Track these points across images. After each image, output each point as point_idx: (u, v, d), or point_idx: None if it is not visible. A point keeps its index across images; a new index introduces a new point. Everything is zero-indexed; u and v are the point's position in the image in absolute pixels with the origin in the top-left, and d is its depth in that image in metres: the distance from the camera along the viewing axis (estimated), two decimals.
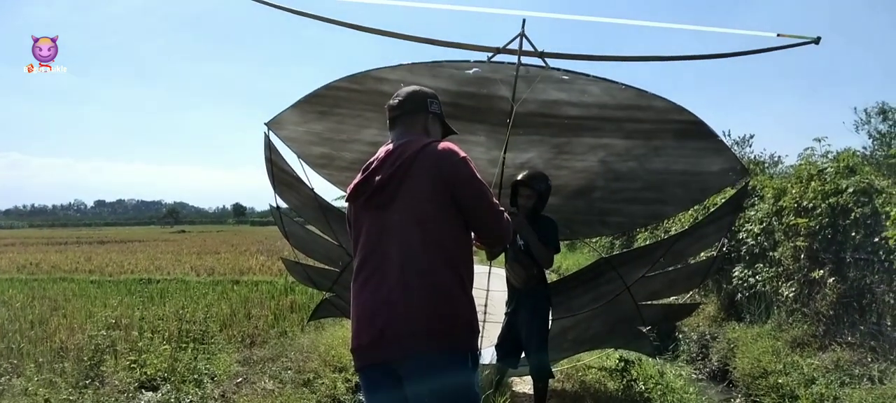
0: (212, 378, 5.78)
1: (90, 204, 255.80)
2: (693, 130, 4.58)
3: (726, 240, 5.48)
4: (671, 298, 6.05)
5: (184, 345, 6.42)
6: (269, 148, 5.39)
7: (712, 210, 6.31)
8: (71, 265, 18.89)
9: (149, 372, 5.64)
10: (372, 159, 2.43)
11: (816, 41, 4.19)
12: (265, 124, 5.30)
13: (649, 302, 5.69)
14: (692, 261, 6.04)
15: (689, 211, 9.88)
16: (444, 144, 2.36)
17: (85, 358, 5.75)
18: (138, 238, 42.98)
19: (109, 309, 8.20)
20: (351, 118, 5.14)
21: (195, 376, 5.66)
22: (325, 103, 5.00)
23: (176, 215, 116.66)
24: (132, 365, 5.75)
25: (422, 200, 2.27)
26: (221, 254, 22.48)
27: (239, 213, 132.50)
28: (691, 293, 6.21)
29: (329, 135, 5.43)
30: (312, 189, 5.69)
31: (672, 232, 9.95)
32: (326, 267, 6.29)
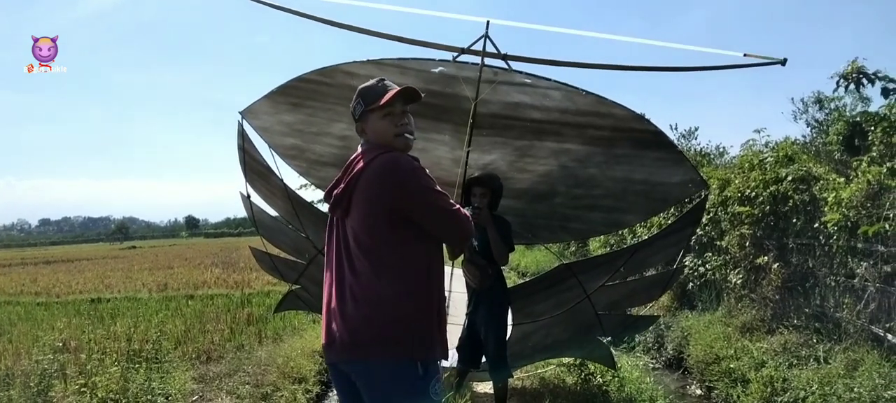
0: (166, 398, 5.64)
1: (34, 223, 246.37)
2: (652, 140, 4.63)
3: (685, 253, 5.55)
4: (631, 309, 6.12)
5: (136, 365, 6.25)
6: (243, 136, 5.46)
7: (672, 222, 6.40)
8: (16, 287, 18.17)
9: (100, 395, 5.46)
10: (343, 166, 2.49)
11: (783, 62, 4.20)
12: (239, 113, 5.38)
13: (609, 313, 5.72)
14: (651, 272, 6.14)
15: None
16: (389, 157, 2.32)
17: (32, 384, 5.55)
18: (86, 256, 41.59)
19: (57, 332, 7.93)
20: (322, 111, 5.19)
21: (149, 397, 5.51)
22: (297, 95, 5.06)
23: (125, 230, 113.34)
24: (82, 389, 5.56)
25: (365, 213, 2.32)
26: (174, 269, 21.98)
27: (192, 226, 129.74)
28: (650, 305, 6.31)
29: (300, 127, 5.48)
30: (281, 179, 5.74)
31: (629, 243, 10.13)
32: (293, 258, 6.28)
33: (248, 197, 5.94)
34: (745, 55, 4.30)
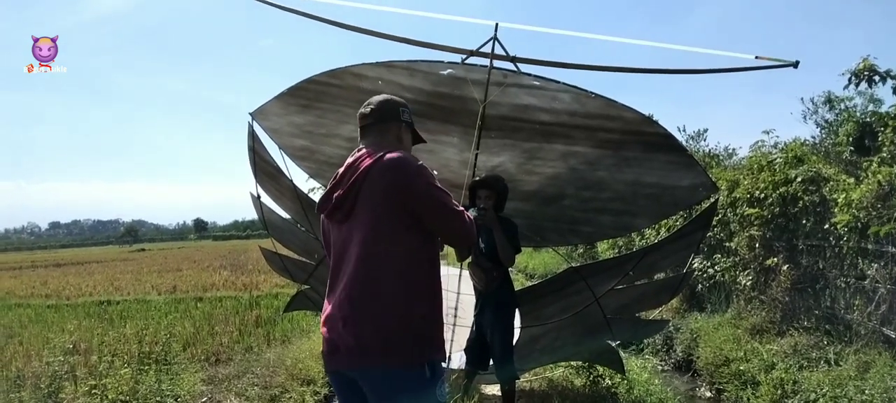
0: (176, 399, 5.66)
1: (44, 226, 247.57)
2: (662, 143, 4.61)
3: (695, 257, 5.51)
4: (640, 313, 6.10)
5: (146, 367, 6.28)
6: (253, 137, 5.51)
7: (682, 225, 6.38)
8: (26, 290, 18.28)
9: (110, 397, 5.49)
10: (338, 170, 2.44)
11: (795, 65, 4.19)
12: (250, 114, 5.42)
13: (618, 317, 5.69)
14: (661, 276, 6.12)
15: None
16: (396, 155, 2.32)
17: (43, 386, 5.57)
18: (96, 259, 41.81)
19: (67, 334, 7.97)
20: (331, 113, 5.21)
21: (158, 398, 5.54)
22: (307, 96, 5.08)
23: (135, 233, 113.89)
24: (93, 391, 5.59)
25: (372, 215, 2.28)
26: (183, 271, 22.07)
27: (200, 228, 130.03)
28: (660, 309, 6.28)
29: (310, 129, 5.51)
30: (291, 180, 5.77)
31: (638, 245, 10.10)
32: (303, 259, 6.29)
33: (259, 197, 5.96)
34: (756, 58, 4.27)
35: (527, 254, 19.40)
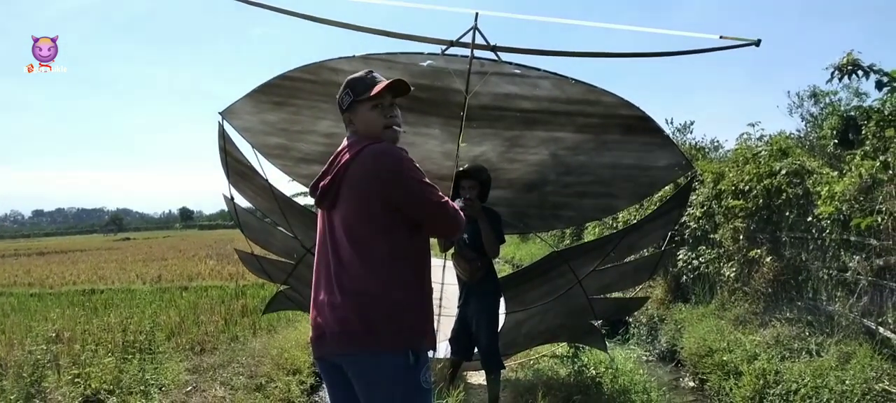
0: (160, 389, 5.64)
1: (28, 214, 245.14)
2: (640, 125, 4.67)
3: (672, 235, 5.62)
4: (621, 292, 6.18)
5: (130, 356, 6.25)
6: (224, 137, 5.35)
7: (659, 205, 6.46)
8: (9, 278, 18.08)
9: (93, 386, 5.47)
10: (329, 159, 2.46)
11: (757, 43, 4.24)
12: (220, 113, 5.24)
13: (600, 296, 5.80)
14: (641, 255, 6.19)
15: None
16: (378, 148, 2.32)
17: (25, 375, 5.53)
18: (80, 247, 41.41)
19: (50, 323, 7.90)
20: (306, 109, 5.10)
21: (142, 387, 5.51)
22: (281, 93, 4.95)
23: (119, 222, 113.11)
24: (75, 380, 5.57)
25: (354, 204, 2.30)
26: (168, 260, 21.93)
27: (186, 217, 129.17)
28: (641, 286, 6.36)
29: (284, 126, 5.37)
30: (267, 179, 5.65)
31: (620, 227, 10.18)
32: (281, 259, 6.24)
33: (232, 199, 5.84)
34: (720, 38, 4.35)
35: (513, 245, 19.47)
